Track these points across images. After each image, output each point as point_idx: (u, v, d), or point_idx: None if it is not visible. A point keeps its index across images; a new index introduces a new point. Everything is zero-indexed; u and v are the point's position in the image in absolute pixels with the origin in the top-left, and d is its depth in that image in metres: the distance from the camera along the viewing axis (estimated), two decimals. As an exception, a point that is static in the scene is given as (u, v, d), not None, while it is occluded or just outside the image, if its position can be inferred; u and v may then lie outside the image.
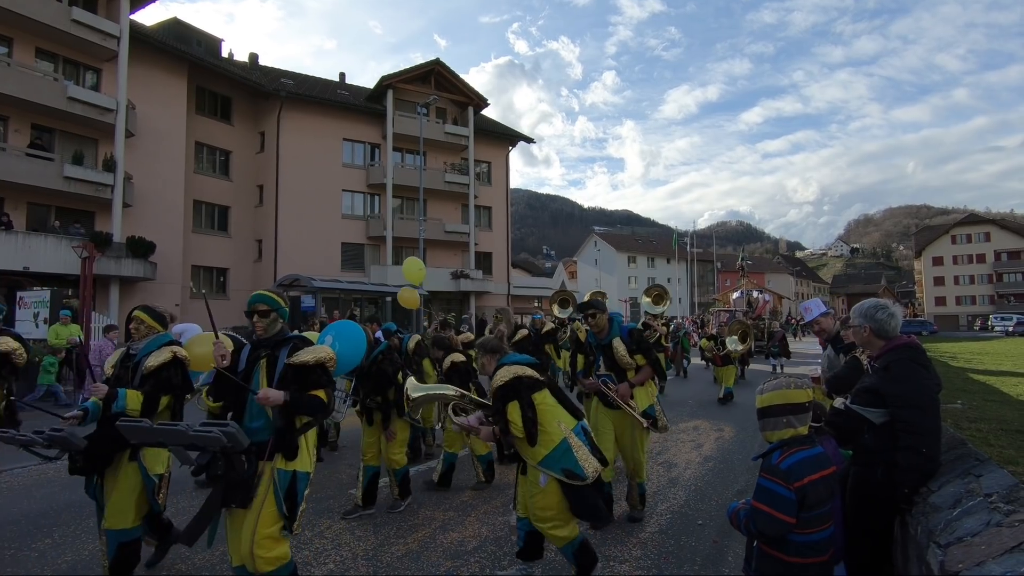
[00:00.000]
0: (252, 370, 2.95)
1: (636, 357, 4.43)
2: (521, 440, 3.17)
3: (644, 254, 70.32)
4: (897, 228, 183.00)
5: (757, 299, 28.33)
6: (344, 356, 3.48)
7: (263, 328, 3.00)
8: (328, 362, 2.97)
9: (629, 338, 4.45)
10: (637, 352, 4.44)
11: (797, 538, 2.27)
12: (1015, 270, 67.53)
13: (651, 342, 11.11)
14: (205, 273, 23.57)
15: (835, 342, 4.58)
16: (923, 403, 2.56)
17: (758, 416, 2.45)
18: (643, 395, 4.49)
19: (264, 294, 3.06)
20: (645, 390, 4.50)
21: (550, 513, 3.14)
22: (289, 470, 2.80)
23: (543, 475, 3.13)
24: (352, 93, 28.76)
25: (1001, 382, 10.09)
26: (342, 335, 3.69)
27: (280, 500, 2.75)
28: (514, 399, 3.18)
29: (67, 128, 18.22)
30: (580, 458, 3.10)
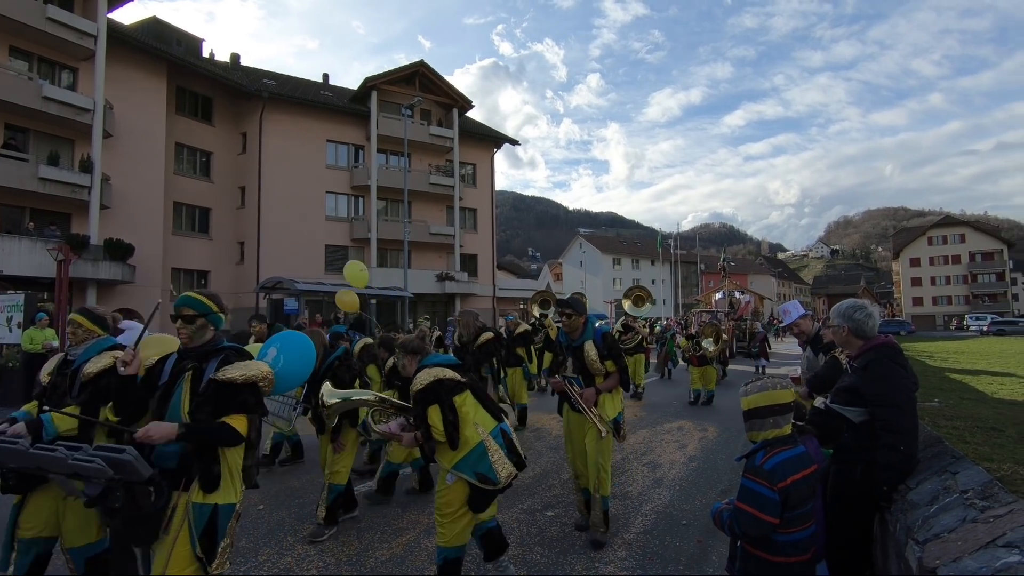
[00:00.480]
0: (175, 384, 2.57)
1: (607, 363, 4.22)
2: (442, 444, 3.11)
3: (629, 256, 70.75)
4: (876, 230, 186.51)
5: (739, 300, 28.63)
6: (288, 373, 3.05)
7: (188, 336, 2.62)
8: (261, 381, 2.58)
9: (602, 342, 4.25)
10: (608, 358, 4.22)
11: (780, 537, 2.29)
12: (989, 271, 69.17)
13: (634, 343, 11.05)
14: (185, 276, 23.20)
15: (814, 343, 4.65)
16: (901, 402, 2.60)
17: (744, 417, 2.47)
18: (611, 403, 4.30)
19: (192, 296, 2.69)
20: (613, 398, 4.31)
21: (449, 509, 3.14)
22: (208, 503, 2.41)
23: (450, 475, 3.13)
24: (336, 94, 28.55)
25: (976, 380, 10.31)
26: (287, 348, 3.17)
27: (194, 539, 2.37)
28: (435, 403, 3.11)
29: (42, 128, 17.84)
30: (494, 462, 3.10)
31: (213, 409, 2.46)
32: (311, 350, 3.24)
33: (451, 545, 3.16)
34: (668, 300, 63.46)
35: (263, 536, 4.34)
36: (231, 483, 2.51)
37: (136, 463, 2.18)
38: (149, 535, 2.39)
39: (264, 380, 2.60)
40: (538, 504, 5.06)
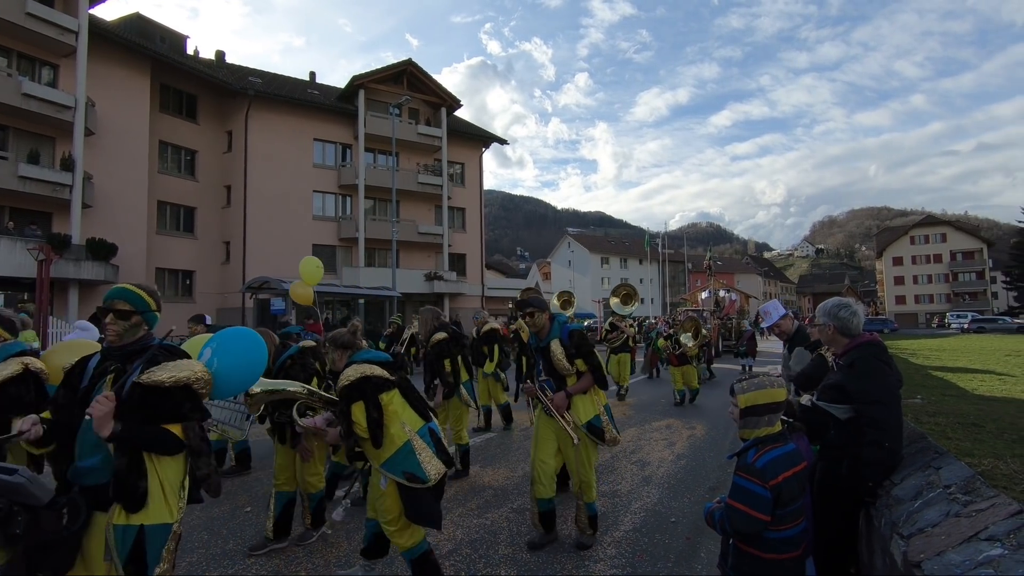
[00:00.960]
0: (94, 389, 2.24)
1: (577, 362, 3.97)
2: (366, 441, 3.05)
3: (617, 255, 71.05)
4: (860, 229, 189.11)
5: (724, 298, 28.75)
6: (228, 375, 2.59)
7: (117, 334, 2.30)
8: (196, 383, 2.25)
9: (569, 340, 3.98)
10: (577, 356, 3.97)
11: (772, 535, 2.31)
12: (969, 269, 70.46)
13: (620, 342, 10.93)
14: (170, 276, 22.91)
15: (793, 341, 4.71)
16: (885, 399, 2.64)
17: (741, 415, 2.47)
18: (586, 405, 4.01)
19: (128, 289, 2.36)
20: (590, 399, 4.02)
21: (391, 516, 3.10)
22: (133, 524, 2.09)
23: (383, 478, 3.10)
24: (323, 93, 28.35)
25: (958, 377, 10.49)
26: (227, 347, 2.70)
27: (118, 565, 2.08)
28: (359, 399, 3.02)
29: (22, 126, 17.52)
30: (423, 460, 3.04)
31: (142, 419, 2.12)
32: (254, 349, 2.79)
33: (411, 546, 3.12)
34: (656, 299, 63.81)
35: (250, 539, 4.30)
36: (164, 501, 2.17)
37: (30, 486, 1.88)
38: (62, 562, 2.10)
39: (198, 382, 2.27)
40: (527, 503, 5.06)
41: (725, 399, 4.05)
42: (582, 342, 4.00)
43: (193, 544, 4.20)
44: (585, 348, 3.99)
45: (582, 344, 4.00)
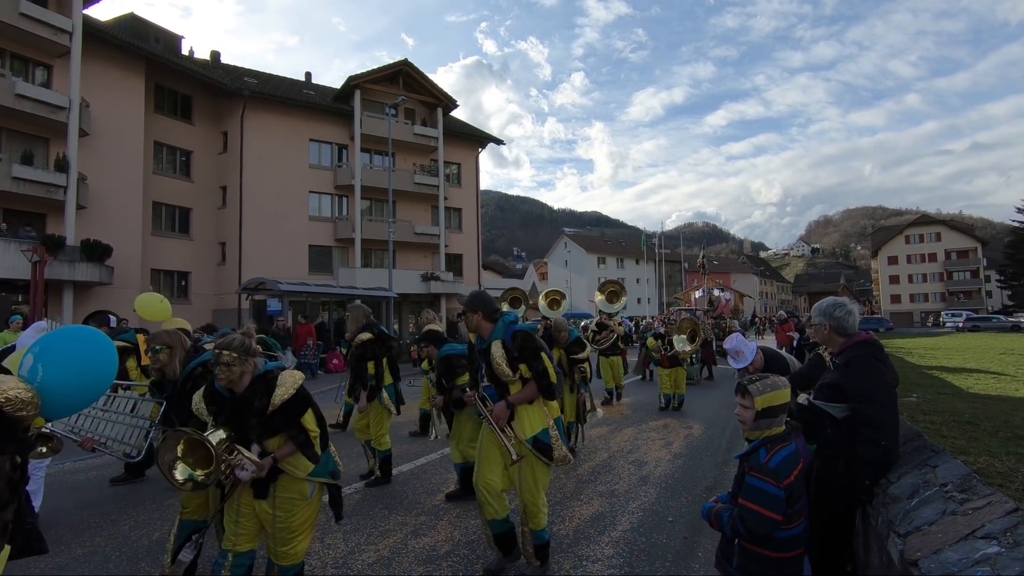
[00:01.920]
0: None
1: (521, 368, 3.53)
2: (311, 450, 2.88)
3: (613, 255, 71.12)
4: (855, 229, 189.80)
5: (719, 298, 28.59)
6: (63, 388, 2.01)
7: None
8: (6, 405, 1.76)
9: (512, 342, 3.53)
10: (521, 361, 3.52)
11: (782, 534, 2.32)
12: (963, 268, 70.84)
13: (608, 343, 10.38)
14: (165, 277, 22.82)
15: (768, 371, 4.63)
16: (882, 398, 2.65)
17: (756, 416, 2.45)
18: (532, 417, 3.55)
19: None
20: (537, 411, 3.57)
21: (309, 524, 2.98)
22: None
23: (311, 485, 2.97)
24: (318, 93, 28.28)
25: (953, 376, 10.54)
26: (56, 353, 2.06)
27: None
28: (308, 407, 2.89)
29: (15, 127, 17.42)
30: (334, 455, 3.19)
31: None
32: (93, 351, 2.17)
33: (299, 561, 2.98)
34: (653, 299, 63.92)
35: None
36: None
37: None
38: None
39: (13, 403, 1.76)
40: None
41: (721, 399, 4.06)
42: (526, 344, 3.52)
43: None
44: (529, 351, 3.51)
45: (526, 346, 3.52)
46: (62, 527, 4.60)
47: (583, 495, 5.28)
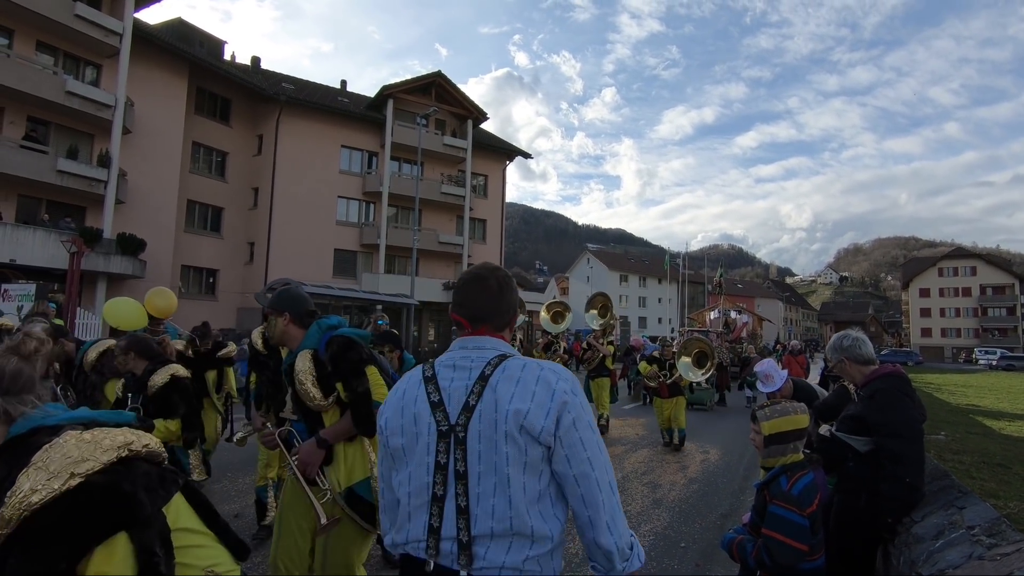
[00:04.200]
0: None
1: (338, 387, 2.48)
2: None
3: (636, 273, 70.68)
4: (885, 258, 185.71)
5: (735, 320, 27.39)
6: None
7: None
8: None
9: (326, 352, 2.50)
10: (336, 378, 2.48)
11: (807, 565, 2.27)
12: (999, 305, 68.57)
13: (595, 363, 9.42)
14: (195, 273, 23.38)
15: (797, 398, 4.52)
16: (908, 433, 2.57)
17: (765, 443, 2.43)
18: (353, 460, 2.50)
19: None
20: (359, 451, 2.52)
21: None
22: None
23: None
24: (352, 101, 28.89)
25: (984, 415, 10.18)
26: None
27: None
28: None
29: (63, 122, 18.13)
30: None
31: None
32: None
33: None
34: (674, 320, 63.17)
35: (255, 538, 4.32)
36: None
37: None
38: None
39: None
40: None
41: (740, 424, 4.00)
42: (344, 354, 2.46)
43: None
44: (348, 365, 2.46)
45: (343, 358, 2.46)
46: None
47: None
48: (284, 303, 2.64)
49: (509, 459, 1.33)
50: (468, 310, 1.54)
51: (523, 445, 1.34)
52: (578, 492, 1.37)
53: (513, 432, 1.34)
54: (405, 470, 1.44)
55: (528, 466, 1.35)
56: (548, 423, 1.34)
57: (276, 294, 2.73)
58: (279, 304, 2.64)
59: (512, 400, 1.36)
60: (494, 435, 1.34)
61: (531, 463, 1.35)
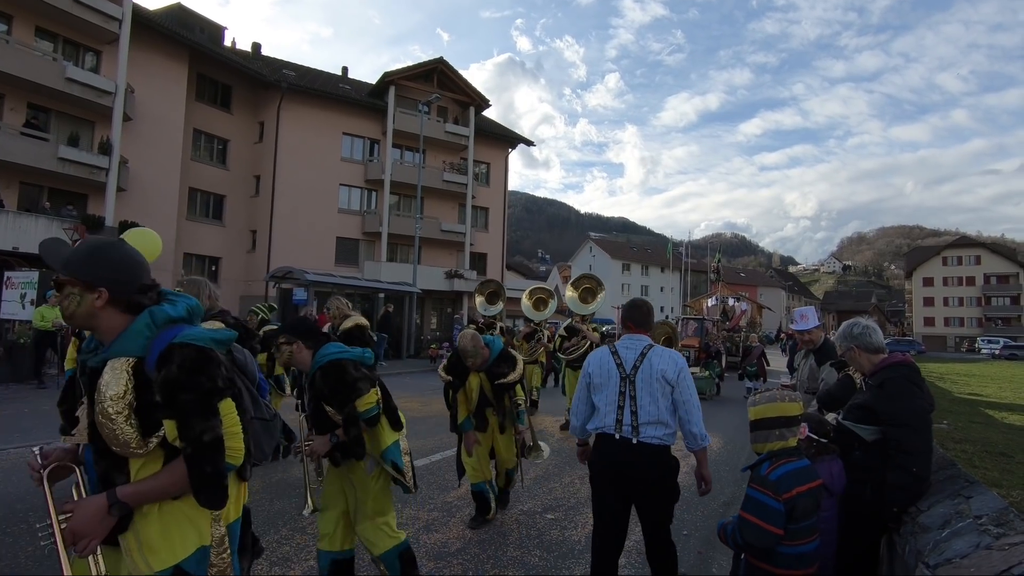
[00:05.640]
0: None
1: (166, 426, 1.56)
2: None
3: (638, 262, 70.60)
4: (889, 247, 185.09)
5: (733, 307, 26.88)
6: None
7: None
8: None
9: (157, 368, 1.54)
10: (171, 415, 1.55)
11: (786, 550, 2.29)
12: (1003, 294, 68.35)
13: (580, 352, 8.11)
14: (197, 261, 23.38)
15: (819, 353, 4.59)
16: (916, 423, 2.56)
17: (750, 428, 2.48)
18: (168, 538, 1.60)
19: None
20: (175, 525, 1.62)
21: None
22: None
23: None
24: (354, 87, 28.68)
25: (986, 404, 10.18)
26: None
27: None
28: None
29: (64, 109, 18.03)
30: None
31: None
32: None
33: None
34: (676, 308, 63.15)
35: (262, 525, 4.34)
36: None
37: None
38: None
39: None
40: (538, 507, 5.04)
41: (741, 413, 4.02)
42: (189, 380, 1.54)
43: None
44: (192, 397, 1.54)
45: (186, 385, 1.53)
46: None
47: (597, 502, 5.23)
48: (96, 268, 1.58)
49: (656, 390, 2.87)
50: (635, 321, 3.15)
51: (662, 384, 2.88)
52: (683, 407, 2.90)
53: (659, 378, 2.88)
54: (602, 393, 2.97)
55: (663, 394, 2.88)
56: (673, 375, 2.89)
57: (77, 250, 1.62)
58: (86, 268, 1.57)
59: (659, 364, 2.92)
60: (650, 379, 2.89)
61: (664, 393, 2.88)
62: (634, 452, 2.79)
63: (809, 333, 4.63)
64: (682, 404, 2.86)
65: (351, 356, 2.90)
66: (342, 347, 2.96)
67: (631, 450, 2.79)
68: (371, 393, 2.87)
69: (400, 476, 2.97)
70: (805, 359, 4.74)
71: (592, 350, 8.62)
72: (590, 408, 3.05)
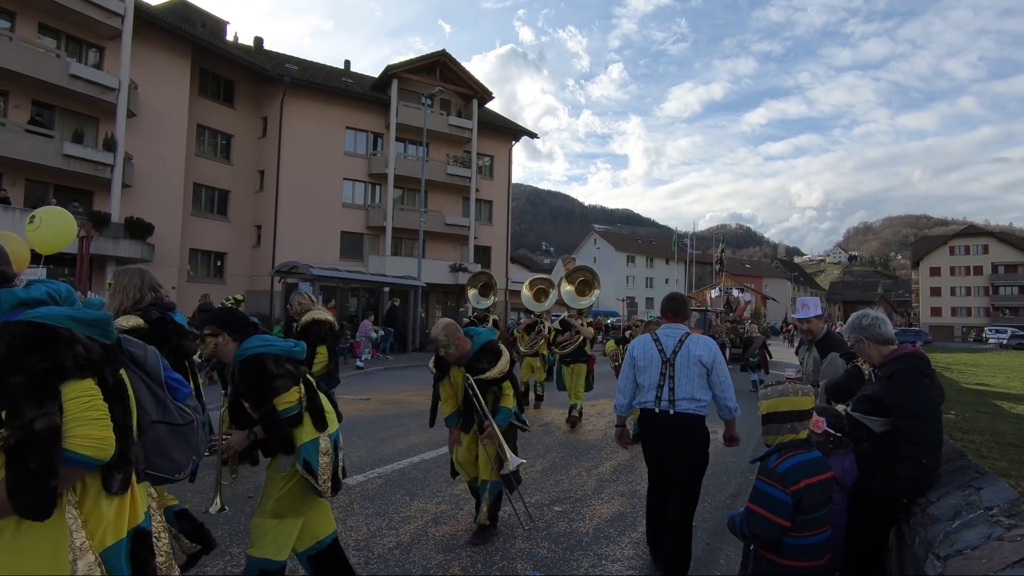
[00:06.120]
0: None
1: None
2: None
3: (643, 254, 70.35)
4: (896, 237, 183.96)
5: (737, 298, 26.56)
6: None
7: None
8: None
9: None
10: None
11: (793, 541, 2.30)
12: (1011, 283, 67.84)
13: (573, 347, 7.98)
14: (203, 257, 23.46)
15: (822, 344, 4.54)
16: (926, 414, 2.54)
17: (762, 421, 2.48)
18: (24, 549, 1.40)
19: None
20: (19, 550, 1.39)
21: None
22: None
23: None
24: (356, 81, 28.60)
25: (994, 394, 10.13)
26: None
27: None
28: None
29: (68, 106, 18.07)
30: None
31: None
32: None
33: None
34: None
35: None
36: None
37: None
38: None
39: None
40: (545, 499, 5.06)
41: (747, 406, 4.01)
42: (16, 353, 1.36)
43: (217, 520, 4.30)
44: (17, 375, 1.35)
45: (7, 359, 1.35)
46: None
47: (604, 494, 5.25)
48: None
49: (692, 371, 3.39)
50: (673, 312, 3.69)
51: (699, 367, 3.39)
52: (719, 386, 3.43)
53: (695, 361, 3.40)
54: (646, 374, 3.52)
55: (698, 375, 3.39)
56: (708, 360, 3.42)
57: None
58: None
59: (695, 349, 3.44)
60: (687, 362, 3.41)
61: (700, 374, 3.39)
62: (671, 421, 3.37)
63: (808, 322, 4.53)
64: (718, 384, 3.40)
65: (274, 351, 2.71)
66: (268, 340, 2.76)
67: (669, 419, 3.38)
68: (291, 392, 2.68)
69: (310, 477, 2.67)
70: (808, 351, 4.68)
71: (584, 346, 8.34)
72: (634, 387, 3.61)
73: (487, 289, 9.95)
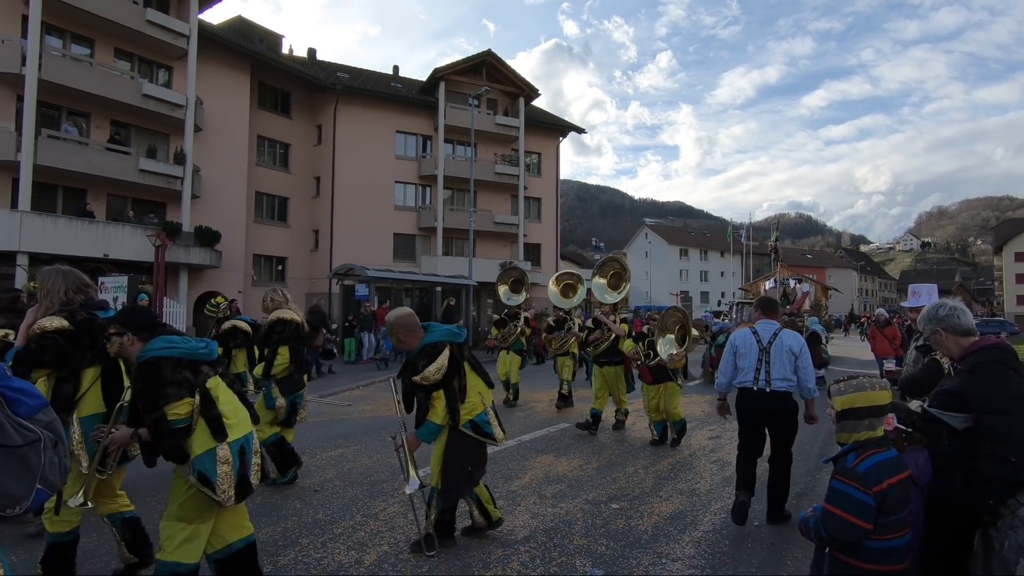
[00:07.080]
0: None
1: None
2: None
3: (697, 247, 68.57)
4: (974, 221, 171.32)
5: (795, 290, 25.10)
6: None
7: None
8: None
9: None
10: None
11: (874, 544, 2.20)
12: (1111, 267, 61.88)
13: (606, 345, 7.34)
14: (265, 262, 24.59)
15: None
16: (1012, 409, 2.37)
17: (837, 418, 2.38)
18: None
19: None
20: None
21: None
22: None
23: None
24: (405, 86, 29.19)
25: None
26: None
27: None
28: None
29: (142, 123, 19.32)
30: None
31: None
32: None
33: None
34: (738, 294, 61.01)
35: (337, 511, 4.56)
36: None
37: None
38: None
39: None
40: (603, 496, 5.03)
41: (817, 402, 3.87)
42: None
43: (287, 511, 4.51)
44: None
45: None
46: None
47: (663, 492, 5.17)
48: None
49: (784, 358, 4.34)
50: (765, 310, 4.71)
51: (789, 355, 4.34)
52: (802, 371, 4.36)
53: (787, 350, 4.36)
54: (746, 359, 4.42)
55: (788, 360, 4.34)
56: (797, 349, 4.37)
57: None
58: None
59: (787, 341, 4.40)
60: (780, 351, 4.36)
61: (789, 360, 4.34)
62: (768, 396, 4.30)
63: (917, 311, 4.10)
64: (802, 368, 4.32)
65: (175, 354, 2.57)
66: (172, 342, 2.62)
67: (766, 396, 4.31)
68: (182, 403, 2.53)
69: (206, 489, 2.56)
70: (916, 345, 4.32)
71: (618, 345, 7.60)
72: (734, 370, 4.49)
73: (518, 285, 9.64)
